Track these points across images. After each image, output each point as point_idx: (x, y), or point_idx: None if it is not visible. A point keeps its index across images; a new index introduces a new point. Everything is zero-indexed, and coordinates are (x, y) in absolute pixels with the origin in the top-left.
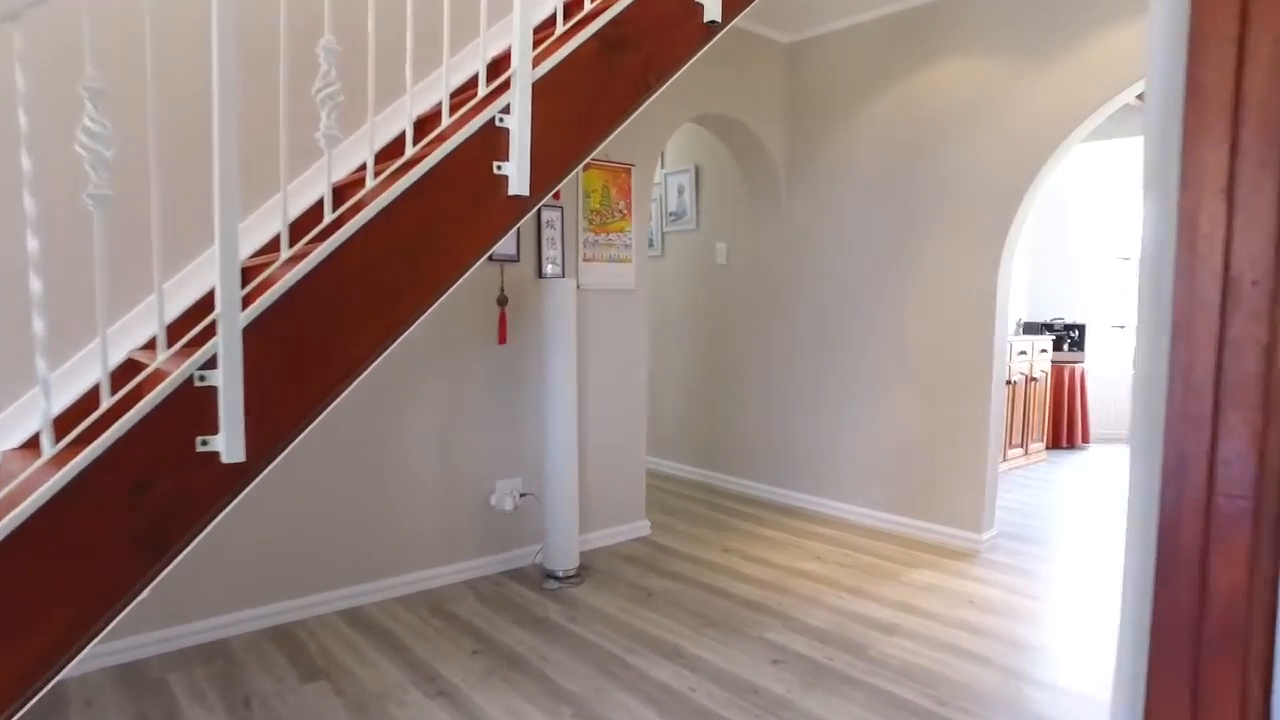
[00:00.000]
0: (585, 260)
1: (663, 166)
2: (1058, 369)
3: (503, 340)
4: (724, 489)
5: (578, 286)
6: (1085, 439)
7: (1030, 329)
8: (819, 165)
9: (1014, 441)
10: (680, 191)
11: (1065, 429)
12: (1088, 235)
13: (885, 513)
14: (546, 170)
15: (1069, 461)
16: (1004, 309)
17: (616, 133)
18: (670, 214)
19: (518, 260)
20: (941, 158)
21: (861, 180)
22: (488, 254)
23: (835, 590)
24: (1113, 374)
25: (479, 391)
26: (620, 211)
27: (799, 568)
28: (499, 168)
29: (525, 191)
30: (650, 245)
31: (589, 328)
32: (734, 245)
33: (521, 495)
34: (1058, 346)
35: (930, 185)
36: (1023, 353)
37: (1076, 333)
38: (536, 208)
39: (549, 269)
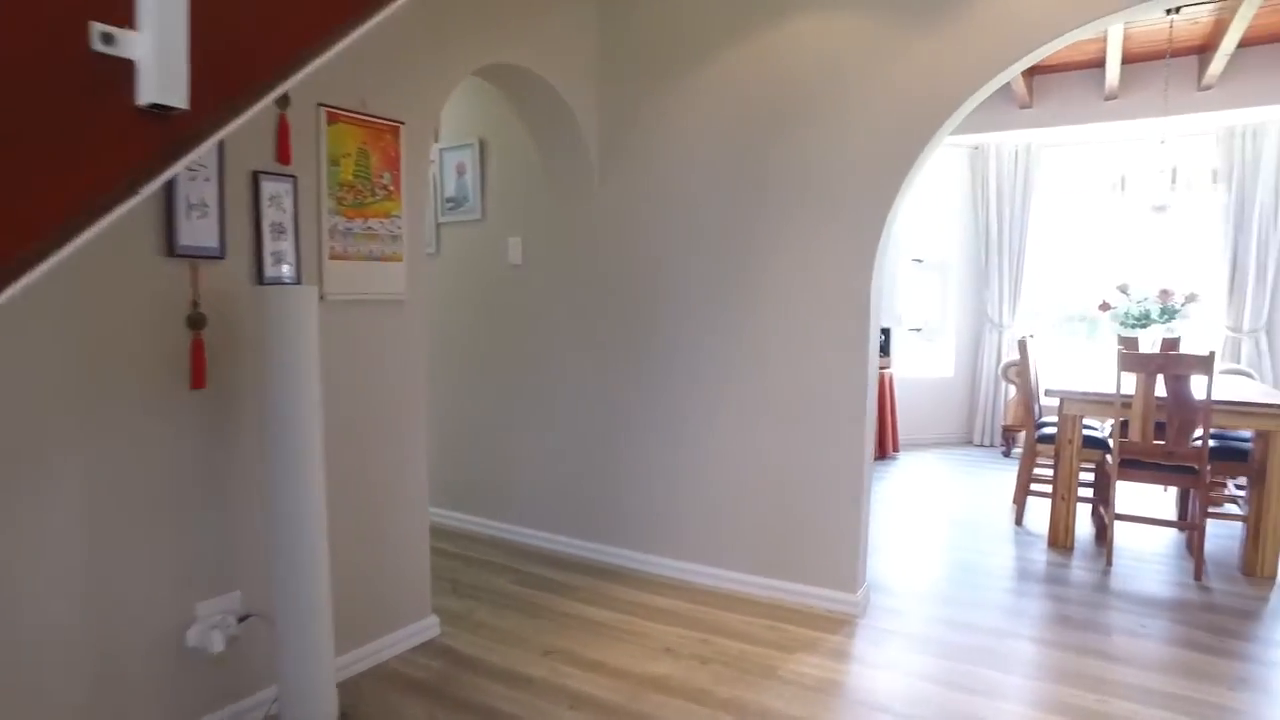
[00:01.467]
0: (333, 258)
1: (437, 140)
2: None
3: (198, 383)
4: (531, 549)
5: (321, 296)
6: (895, 447)
7: None
8: (645, 141)
9: None
10: (460, 172)
11: (877, 439)
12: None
13: (739, 573)
14: (229, 64)
15: (885, 474)
16: (877, 318)
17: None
18: (448, 200)
19: (221, 257)
20: (805, 132)
21: (702, 161)
22: (91, 228)
23: (707, 708)
24: (915, 378)
25: (159, 465)
26: (385, 188)
27: (650, 673)
28: (107, 39)
29: (181, 103)
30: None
31: (339, 356)
32: (532, 241)
33: (241, 620)
34: None
35: (790, 166)
36: None
37: (884, 337)
38: (210, 146)
39: (276, 270)
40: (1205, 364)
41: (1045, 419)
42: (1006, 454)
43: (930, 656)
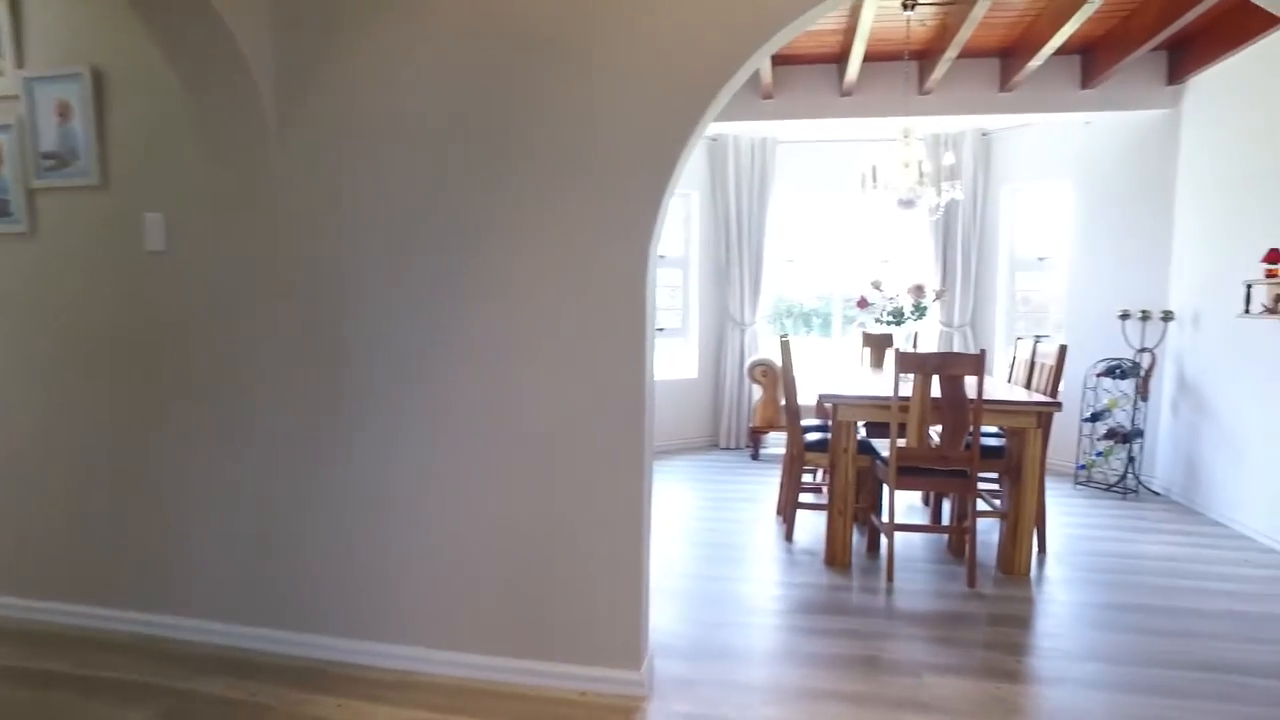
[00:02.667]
0: None
1: (20, 65)
2: None
3: None
4: (191, 650)
5: None
6: None
7: None
8: (341, 91)
9: None
10: (64, 115)
11: None
12: None
13: (496, 657)
14: None
15: None
16: (653, 321)
17: None
18: (44, 157)
19: None
20: (556, 86)
21: (419, 119)
22: None
23: None
24: (659, 380)
25: None
26: None
27: None
28: None
29: None
30: (5, 211)
31: None
32: (179, 219)
33: None
34: None
35: (538, 130)
36: None
37: None
38: None
39: None
40: (978, 363)
41: (807, 422)
42: (755, 456)
43: None
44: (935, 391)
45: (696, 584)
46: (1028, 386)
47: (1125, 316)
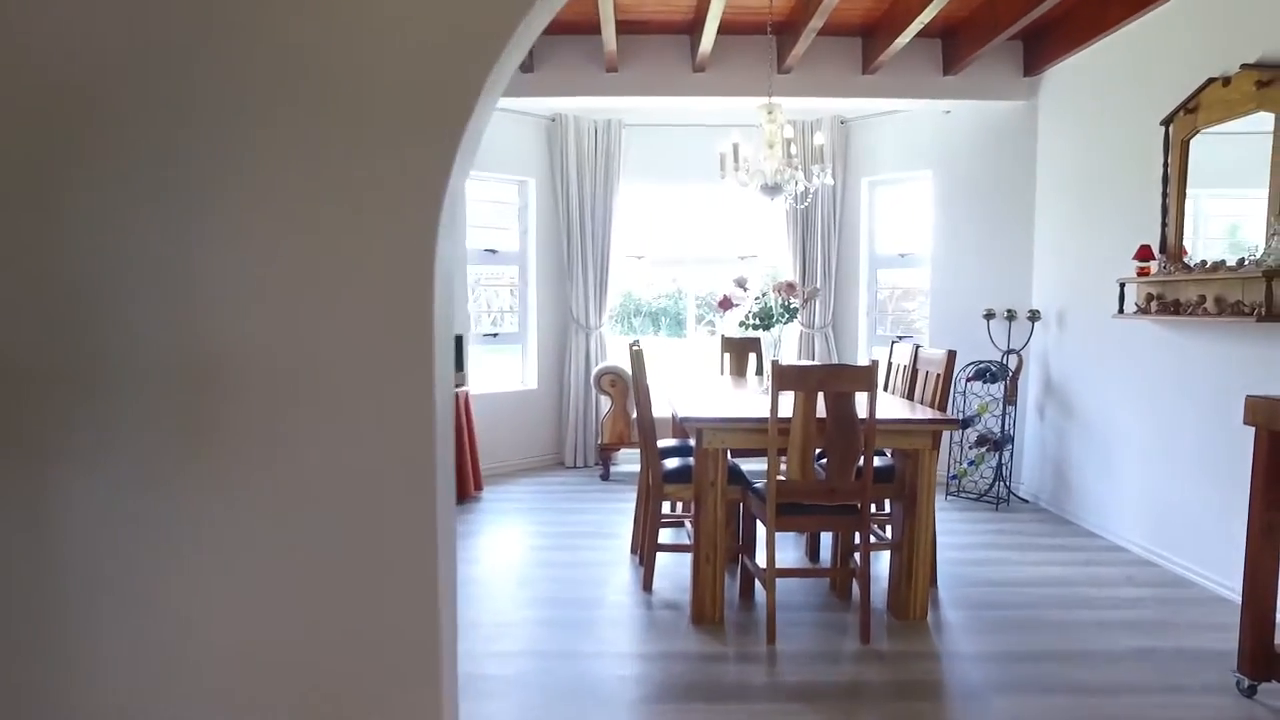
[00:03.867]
0: None
1: None
2: None
3: None
4: None
5: None
6: (478, 485)
7: None
8: None
9: None
10: None
11: (456, 478)
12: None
13: None
14: None
15: (466, 525)
16: (446, 344)
17: None
18: None
19: None
20: (290, 27)
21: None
22: None
23: None
24: (492, 393)
25: None
26: None
27: None
28: None
29: None
30: None
31: None
32: None
33: None
34: None
35: (264, 80)
36: None
37: (456, 347)
38: None
39: None
40: (870, 377)
41: (664, 443)
42: (605, 476)
43: None
44: (820, 410)
45: (534, 665)
46: (910, 397)
47: (990, 316)
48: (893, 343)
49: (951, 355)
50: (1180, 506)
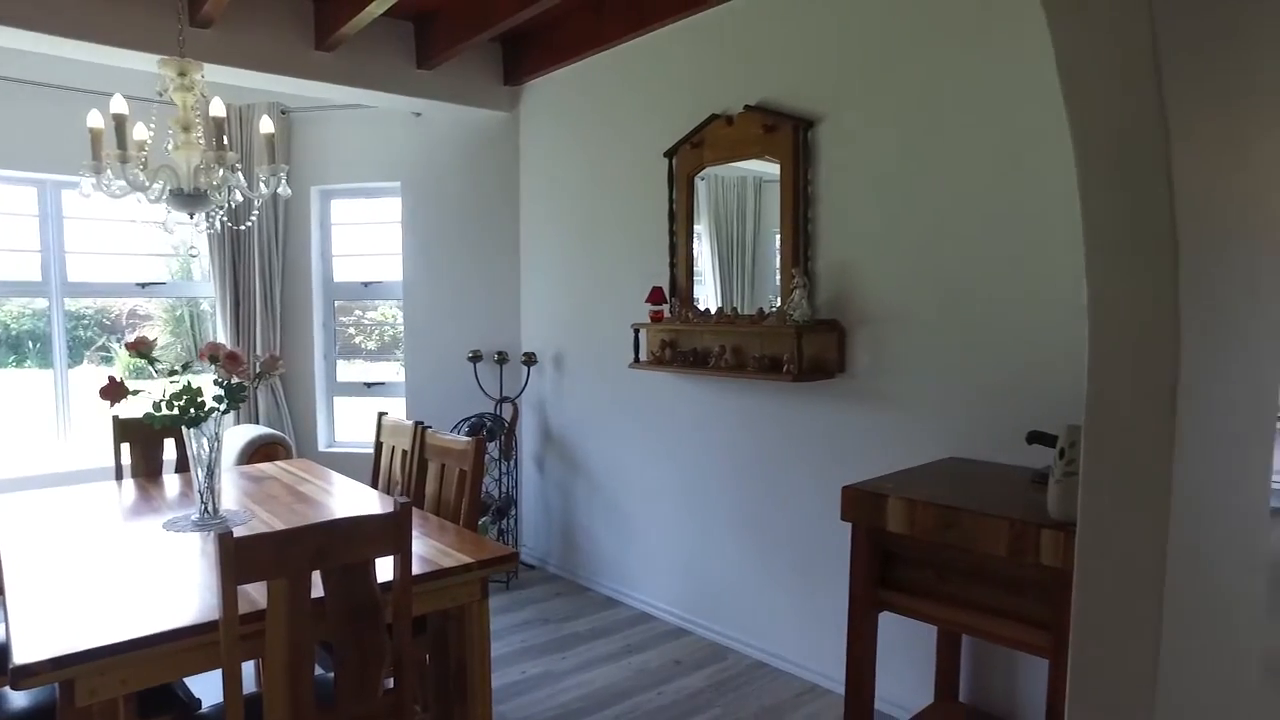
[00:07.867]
0: None
1: None
2: None
3: None
4: None
5: None
6: None
7: None
8: None
9: None
10: None
11: None
12: None
13: None
14: None
15: None
16: None
17: None
18: None
19: None
20: None
21: None
22: None
23: None
24: None
25: None
26: None
27: None
28: None
29: None
30: None
31: None
32: None
33: None
34: None
35: None
36: None
37: None
38: None
39: None
40: (401, 527)
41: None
42: None
43: None
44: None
45: None
46: (422, 505)
47: (477, 358)
48: (380, 415)
49: (480, 443)
50: (710, 568)
